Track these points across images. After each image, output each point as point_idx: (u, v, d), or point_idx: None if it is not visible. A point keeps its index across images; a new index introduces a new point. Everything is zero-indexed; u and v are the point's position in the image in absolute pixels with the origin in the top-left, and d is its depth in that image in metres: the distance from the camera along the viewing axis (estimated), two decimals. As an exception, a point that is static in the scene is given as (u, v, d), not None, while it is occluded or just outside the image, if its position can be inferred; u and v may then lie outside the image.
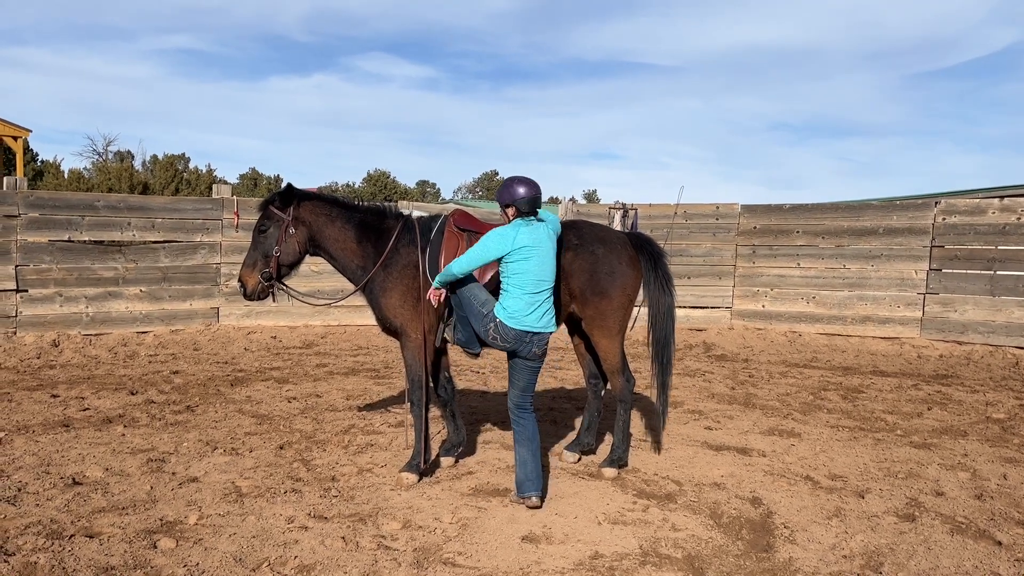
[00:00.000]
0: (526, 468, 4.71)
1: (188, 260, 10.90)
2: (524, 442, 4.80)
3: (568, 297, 5.28)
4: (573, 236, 5.31)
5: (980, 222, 11.01)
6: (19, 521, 4.14)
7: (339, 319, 11.70)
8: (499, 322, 4.68)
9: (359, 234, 5.26)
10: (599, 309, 5.23)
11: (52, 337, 9.71)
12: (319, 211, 5.26)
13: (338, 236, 5.26)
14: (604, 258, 5.24)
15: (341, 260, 5.31)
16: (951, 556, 4.08)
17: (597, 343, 5.34)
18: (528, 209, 4.80)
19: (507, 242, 4.65)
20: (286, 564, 3.77)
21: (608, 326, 5.27)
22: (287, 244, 5.19)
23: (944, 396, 8.18)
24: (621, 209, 12.85)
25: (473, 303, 4.80)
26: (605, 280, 5.20)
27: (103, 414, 6.54)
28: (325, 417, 6.69)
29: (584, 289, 5.21)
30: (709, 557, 4.02)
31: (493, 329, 4.70)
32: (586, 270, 5.21)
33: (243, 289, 5.28)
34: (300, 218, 5.20)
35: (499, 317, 4.68)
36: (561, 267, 5.19)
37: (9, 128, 21.69)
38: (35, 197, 10.04)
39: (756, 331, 12.28)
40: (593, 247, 5.26)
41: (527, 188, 4.79)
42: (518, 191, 4.79)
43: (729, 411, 7.33)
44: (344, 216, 5.29)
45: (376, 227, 5.30)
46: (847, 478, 5.35)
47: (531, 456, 4.74)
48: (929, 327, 11.32)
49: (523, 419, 4.85)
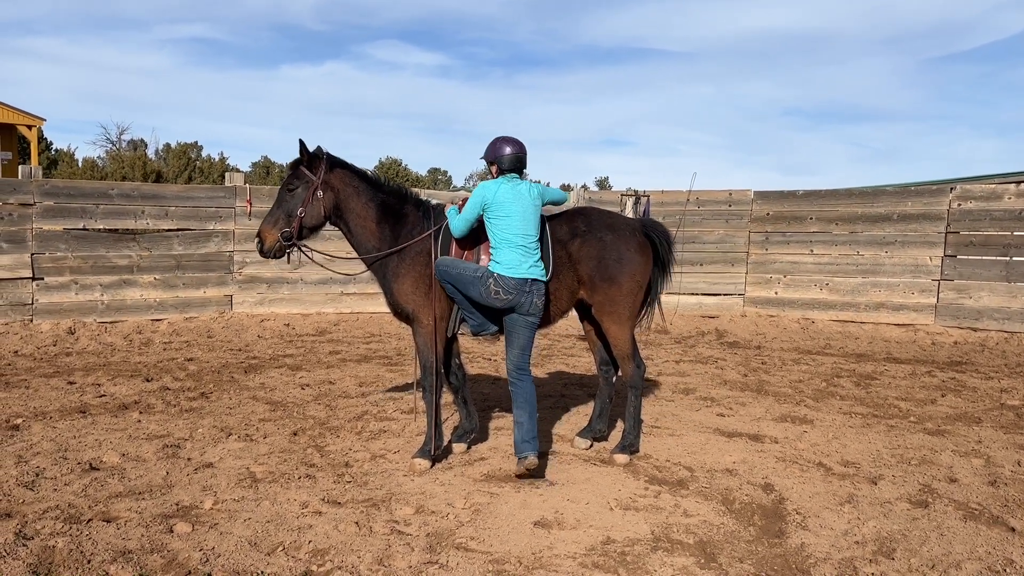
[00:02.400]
0: (523, 430, 4.85)
1: (201, 248, 10.96)
2: (523, 404, 4.91)
3: (576, 284, 5.28)
4: (581, 223, 5.31)
5: (996, 208, 10.91)
6: (37, 506, 4.19)
7: (351, 307, 11.75)
8: (497, 275, 4.84)
9: (379, 214, 5.24)
10: (608, 295, 5.23)
11: (68, 324, 9.79)
12: (347, 181, 5.23)
13: (360, 211, 5.23)
14: (612, 244, 5.23)
15: (358, 236, 5.28)
16: (964, 542, 4.07)
17: (607, 329, 5.35)
18: (510, 167, 5.02)
19: (488, 194, 4.89)
20: (300, 548, 3.81)
21: (618, 312, 5.26)
22: (312, 207, 5.13)
23: (958, 383, 8.14)
24: (633, 196, 12.81)
25: (465, 274, 4.90)
26: (613, 267, 5.20)
27: (119, 400, 6.60)
28: (338, 404, 6.73)
29: (592, 275, 5.21)
30: (721, 543, 4.03)
31: (493, 284, 4.83)
32: (594, 256, 5.20)
33: (260, 245, 5.18)
34: (329, 183, 5.16)
35: (496, 271, 4.85)
36: (569, 254, 5.22)
37: (24, 117, 21.82)
38: (50, 186, 10.11)
39: (769, 318, 12.24)
40: (601, 233, 5.26)
41: (512, 147, 5.01)
42: (503, 149, 5.01)
43: (741, 398, 7.32)
44: (369, 193, 5.26)
45: (396, 210, 5.29)
46: (860, 465, 5.34)
47: (528, 418, 4.88)
48: (944, 314, 11.25)
49: (522, 380, 4.95)
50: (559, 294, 5.25)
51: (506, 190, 4.91)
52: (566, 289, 5.26)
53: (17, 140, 23.87)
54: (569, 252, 5.22)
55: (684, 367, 8.85)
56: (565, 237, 5.25)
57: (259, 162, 50.73)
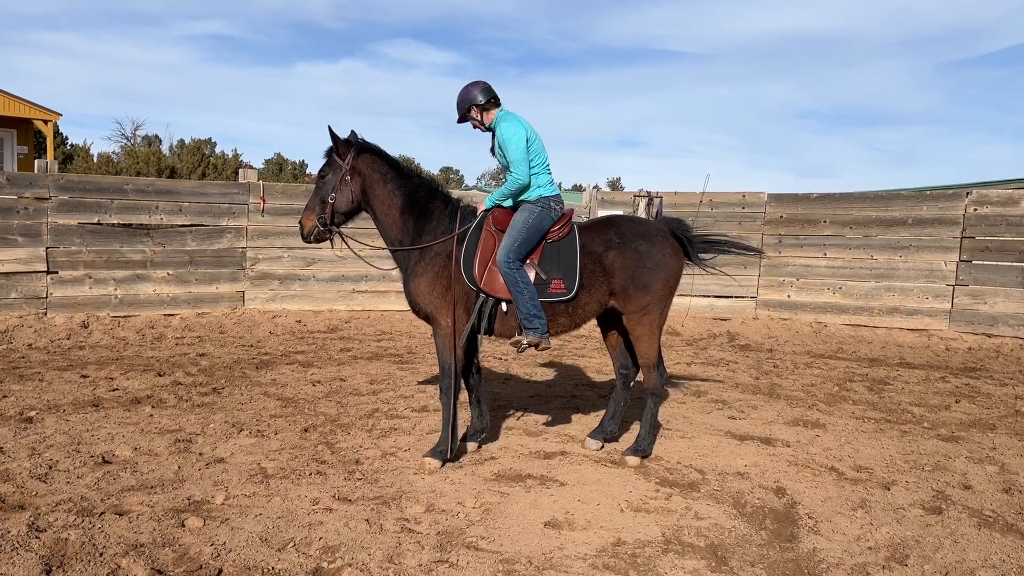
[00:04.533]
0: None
1: (215, 244, 10.99)
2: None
3: (608, 295, 5.24)
4: (614, 234, 5.26)
5: (1012, 213, 10.81)
6: (50, 498, 4.22)
7: (363, 304, 11.76)
8: (551, 197, 5.21)
9: (404, 204, 5.21)
10: (641, 303, 5.20)
11: (82, 318, 9.85)
12: (375, 167, 5.21)
13: (386, 199, 5.21)
14: (648, 254, 5.21)
15: (383, 223, 5.28)
16: (978, 550, 4.04)
17: (638, 338, 5.30)
18: (498, 99, 5.28)
19: (527, 127, 5.17)
20: (311, 545, 3.81)
21: (650, 319, 5.25)
22: (341, 192, 5.14)
23: (972, 389, 8.07)
24: (646, 197, 12.77)
25: (531, 227, 5.09)
26: (648, 274, 5.18)
27: (131, 395, 6.63)
28: (349, 401, 6.74)
29: (627, 285, 5.18)
30: (732, 546, 4.01)
31: (555, 204, 5.20)
32: (630, 267, 5.17)
33: (301, 230, 5.26)
34: (357, 168, 5.16)
35: (547, 194, 5.21)
36: (604, 267, 5.18)
37: (40, 112, 21.95)
38: (65, 180, 10.17)
39: (781, 321, 12.18)
40: (636, 244, 5.22)
41: (485, 83, 5.24)
42: (486, 85, 5.21)
43: (753, 401, 7.29)
44: (397, 181, 5.23)
45: (423, 204, 5.25)
46: (872, 470, 5.30)
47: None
48: (958, 319, 11.16)
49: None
50: (588, 306, 5.22)
51: (526, 122, 5.22)
52: (595, 301, 5.23)
53: (33, 135, 24.02)
54: (604, 265, 5.18)
55: (695, 369, 8.82)
56: (599, 249, 5.19)
57: (272, 159, 50.86)
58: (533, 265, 5.10)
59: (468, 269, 5.06)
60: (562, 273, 5.10)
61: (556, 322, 5.22)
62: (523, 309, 4.99)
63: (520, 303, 4.98)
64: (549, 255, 5.14)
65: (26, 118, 21.97)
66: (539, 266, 5.10)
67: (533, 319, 5.00)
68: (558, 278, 5.09)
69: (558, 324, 5.24)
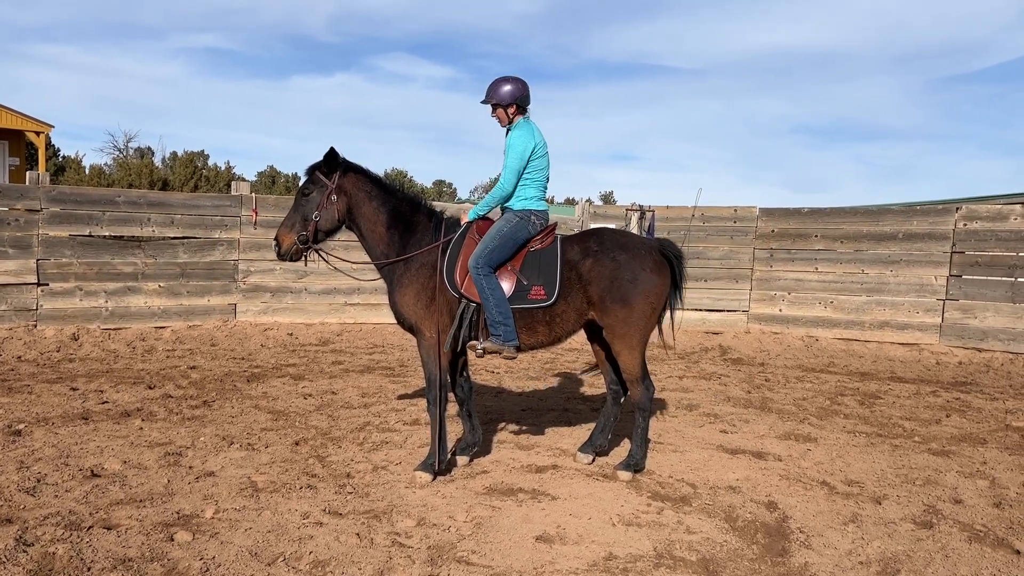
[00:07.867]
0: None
1: (206, 256, 10.97)
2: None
3: (586, 305, 5.18)
4: (593, 243, 5.23)
5: (1002, 228, 10.89)
6: (38, 512, 4.18)
7: (355, 317, 11.74)
8: (534, 211, 5.18)
9: (390, 220, 5.26)
10: (619, 318, 5.11)
11: (72, 331, 9.80)
12: (361, 185, 5.26)
13: (371, 216, 5.26)
14: (626, 265, 5.11)
15: (369, 240, 5.32)
16: (969, 564, 4.04)
17: (618, 352, 5.22)
18: (526, 106, 5.23)
19: (538, 137, 5.17)
20: (301, 559, 3.79)
21: (630, 335, 5.14)
22: (327, 211, 5.18)
23: (963, 403, 8.10)
24: (638, 211, 12.81)
25: (505, 235, 5.08)
26: (627, 288, 5.08)
27: (121, 407, 6.59)
28: (340, 414, 6.72)
29: (604, 297, 5.10)
30: (724, 560, 4.00)
31: (535, 219, 5.18)
32: (606, 277, 5.10)
33: (277, 248, 5.25)
34: (343, 187, 5.21)
35: (531, 208, 5.18)
36: (580, 275, 5.14)
37: (32, 123, 21.93)
38: (57, 192, 10.14)
39: (773, 335, 12.21)
40: (614, 253, 5.15)
41: (523, 85, 5.20)
42: (522, 89, 5.17)
43: (745, 415, 7.29)
44: (381, 198, 5.29)
45: (407, 218, 5.30)
46: (864, 484, 5.31)
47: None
48: (948, 333, 11.21)
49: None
50: (566, 315, 5.17)
51: (539, 134, 5.20)
52: (574, 311, 5.18)
53: (25, 146, 23.98)
54: (579, 273, 5.13)
55: (687, 383, 8.83)
56: (576, 257, 5.17)
57: (265, 171, 50.92)
58: (515, 271, 5.11)
59: (450, 275, 5.10)
60: (543, 280, 5.10)
61: (535, 331, 5.19)
62: (489, 315, 5.03)
63: (486, 308, 5.03)
64: (531, 263, 5.16)
65: (18, 130, 21.94)
66: (520, 272, 5.11)
67: (498, 325, 5.02)
68: (538, 284, 5.10)
69: (537, 334, 5.21)
